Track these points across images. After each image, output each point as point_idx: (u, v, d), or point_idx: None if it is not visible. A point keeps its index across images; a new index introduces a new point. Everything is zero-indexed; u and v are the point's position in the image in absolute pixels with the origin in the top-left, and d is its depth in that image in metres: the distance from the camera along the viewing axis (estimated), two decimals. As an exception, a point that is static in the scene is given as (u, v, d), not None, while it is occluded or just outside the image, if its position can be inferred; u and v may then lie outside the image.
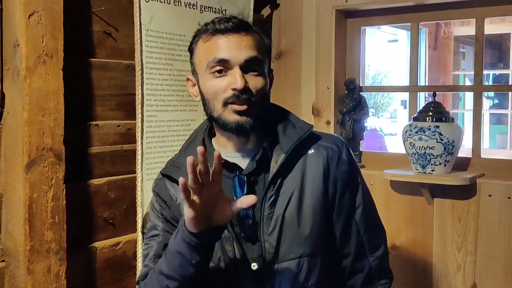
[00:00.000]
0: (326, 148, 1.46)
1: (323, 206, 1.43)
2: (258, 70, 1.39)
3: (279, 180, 1.40)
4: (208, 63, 1.37)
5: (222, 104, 1.36)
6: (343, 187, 1.46)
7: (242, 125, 1.36)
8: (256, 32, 1.43)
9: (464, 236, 2.64)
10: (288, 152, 1.41)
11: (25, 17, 1.83)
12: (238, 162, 1.42)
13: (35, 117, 1.86)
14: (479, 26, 2.72)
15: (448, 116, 2.66)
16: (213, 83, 1.37)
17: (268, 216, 1.39)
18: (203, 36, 1.41)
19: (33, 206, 1.86)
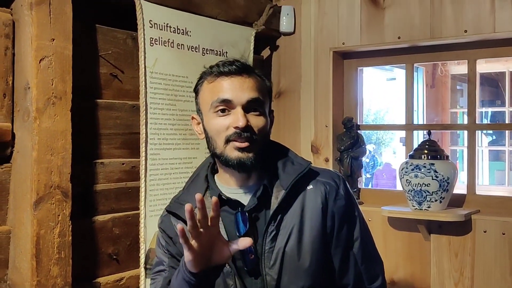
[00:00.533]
0: (324, 183, 1.51)
1: (322, 239, 1.48)
2: (259, 110, 1.45)
3: (280, 215, 1.45)
4: (212, 103, 1.45)
5: (225, 141, 1.43)
6: (340, 221, 1.51)
7: (244, 162, 1.42)
8: (258, 75, 1.51)
9: (461, 272, 2.68)
10: (288, 189, 1.45)
11: (36, 61, 1.93)
12: (240, 199, 1.48)
13: (44, 156, 1.94)
14: (471, 67, 2.82)
15: (443, 154, 2.73)
16: (216, 122, 1.44)
17: (269, 251, 1.43)
18: (208, 77, 1.50)
19: (40, 242, 1.92)
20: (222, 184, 1.53)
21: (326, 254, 1.50)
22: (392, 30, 2.87)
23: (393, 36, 2.87)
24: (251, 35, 2.91)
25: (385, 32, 2.89)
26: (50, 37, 1.97)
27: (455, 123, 5.58)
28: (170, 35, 2.44)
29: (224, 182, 1.53)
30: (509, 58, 5.17)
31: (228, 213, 1.47)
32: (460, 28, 2.67)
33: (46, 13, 1.96)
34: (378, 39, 2.92)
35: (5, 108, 1.95)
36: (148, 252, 2.32)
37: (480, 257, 2.64)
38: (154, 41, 2.37)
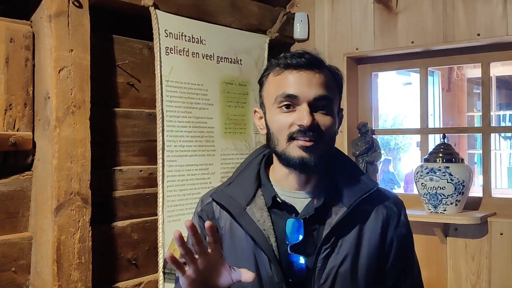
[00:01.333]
0: (386, 207, 1.41)
1: (377, 266, 1.38)
2: (327, 108, 1.33)
3: (336, 233, 1.34)
4: (276, 97, 1.33)
5: (287, 139, 1.32)
6: (398, 249, 1.41)
7: (306, 162, 1.31)
8: (330, 69, 1.39)
9: (478, 274, 2.68)
10: (351, 207, 1.35)
11: (56, 72, 1.99)
12: (294, 204, 1.38)
13: (64, 164, 1.99)
14: (485, 70, 2.82)
15: (458, 157, 2.74)
16: (280, 118, 1.33)
17: (321, 268, 1.33)
18: (274, 69, 1.37)
19: (61, 247, 1.97)
20: (276, 184, 1.41)
21: (379, 282, 1.40)
22: (405, 35, 2.89)
23: (407, 40, 2.89)
24: (265, 42, 2.95)
25: (399, 36, 2.91)
26: (69, 48, 2.03)
27: (469, 126, 5.55)
28: (185, 44, 2.49)
29: (278, 182, 1.41)
30: (526, 61, 5.15)
31: (280, 218, 1.37)
32: (473, 31, 2.68)
33: (65, 24, 2.02)
34: (391, 44, 2.94)
35: (26, 118, 2.01)
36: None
37: (497, 260, 2.64)
38: (170, 50, 2.42)
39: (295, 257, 1.34)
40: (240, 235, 1.39)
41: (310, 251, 1.34)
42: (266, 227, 1.35)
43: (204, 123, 2.59)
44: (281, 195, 1.39)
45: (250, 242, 1.36)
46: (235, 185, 1.44)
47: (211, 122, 2.62)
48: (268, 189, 1.40)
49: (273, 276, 1.33)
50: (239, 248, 1.39)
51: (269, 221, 1.36)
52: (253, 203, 1.39)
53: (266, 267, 1.34)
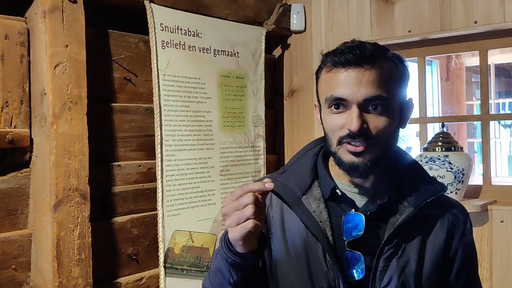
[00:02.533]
0: (452, 214, 1.36)
1: (441, 274, 1.34)
2: (381, 108, 1.25)
3: (400, 234, 1.28)
4: (326, 98, 1.28)
5: (337, 141, 1.26)
6: (463, 258, 1.36)
7: (357, 167, 1.25)
8: (387, 59, 1.28)
9: (479, 263, 2.67)
10: (418, 208, 1.29)
11: (51, 68, 1.98)
12: (353, 197, 1.33)
13: (62, 160, 1.99)
14: (483, 58, 2.81)
15: (457, 145, 2.73)
16: (331, 119, 1.27)
17: (383, 269, 1.27)
18: (326, 65, 1.29)
19: (61, 244, 1.97)
20: (334, 176, 1.36)
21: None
22: (402, 24, 2.88)
23: (404, 29, 2.88)
24: (261, 34, 2.94)
25: (396, 26, 2.90)
26: (64, 44, 2.02)
27: (468, 115, 5.54)
28: (181, 38, 2.48)
29: (336, 175, 1.35)
30: (524, 48, 5.13)
31: (338, 211, 1.31)
32: (470, 19, 2.67)
33: (59, 20, 2.01)
34: (388, 33, 2.93)
35: (23, 115, 2.00)
36: (167, 252, 2.36)
37: (497, 247, 2.64)
38: (166, 44, 2.40)
39: (352, 254, 1.28)
40: (292, 226, 1.34)
41: (369, 249, 1.28)
42: (322, 219, 1.30)
43: (202, 117, 2.58)
44: (341, 188, 1.33)
45: (303, 234, 1.31)
46: (289, 174, 1.38)
47: (209, 115, 2.61)
48: (326, 180, 1.35)
49: (328, 272, 1.27)
50: (290, 240, 1.33)
51: (326, 213, 1.30)
52: (309, 193, 1.33)
53: (321, 262, 1.29)
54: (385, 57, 1.28)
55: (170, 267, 2.36)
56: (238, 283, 1.25)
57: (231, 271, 1.23)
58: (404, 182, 1.34)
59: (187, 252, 2.41)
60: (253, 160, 2.85)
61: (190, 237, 2.45)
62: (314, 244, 1.29)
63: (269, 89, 3.11)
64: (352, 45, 1.27)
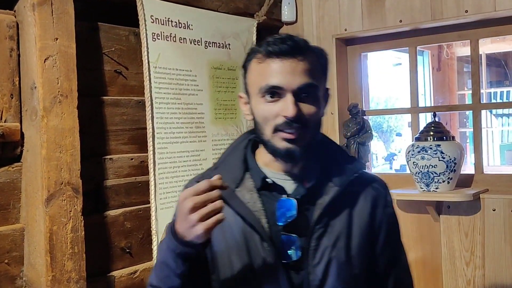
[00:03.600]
0: (374, 188, 1.44)
1: (369, 245, 1.40)
2: (312, 96, 1.32)
3: (329, 213, 1.35)
4: (260, 88, 1.31)
5: (272, 130, 1.31)
6: (388, 229, 1.44)
7: (292, 152, 1.31)
8: (313, 51, 1.35)
9: (471, 251, 2.70)
10: (343, 187, 1.36)
11: (41, 61, 1.96)
12: (283, 185, 1.38)
13: (53, 154, 1.98)
14: (474, 47, 2.82)
15: (449, 135, 2.74)
16: (264, 108, 1.31)
17: (314, 248, 1.33)
18: (257, 55, 1.33)
19: (54, 238, 1.96)
20: (263, 166, 1.41)
21: (369, 260, 1.41)
22: (393, 14, 2.88)
23: (395, 20, 2.88)
24: (253, 26, 2.93)
25: (387, 16, 2.90)
26: (54, 37, 2.00)
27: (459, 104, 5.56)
28: (172, 30, 2.47)
29: (265, 164, 1.41)
30: (515, 37, 5.15)
31: (270, 199, 1.36)
32: (461, 8, 2.67)
33: (49, 13, 1.99)
34: (380, 23, 2.93)
35: (13, 109, 1.99)
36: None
37: (490, 236, 2.65)
38: (156, 36, 2.39)
39: (287, 237, 1.34)
40: (229, 218, 1.36)
41: (302, 231, 1.34)
42: (256, 208, 1.35)
43: (194, 109, 2.58)
44: (270, 176, 1.38)
45: (240, 225, 1.36)
46: (222, 169, 1.42)
47: (201, 108, 2.61)
48: (256, 172, 1.40)
49: (266, 257, 1.33)
50: (228, 232, 1.37)
51: (259, 203, 1.36)
52: (242, 185, 1.38)
53: (258, 248, 1.34)
54: (312, 50, 1.35)
55: (164, 260, 2.36)
56: (186, 274, 1.27)
57: (178, 262, 1.25)
58: (329, 165, 1.41)
59: (180, 244, 2.41)
60: (245, 152, 2.84)
61: (184, 229, 2.45)
62: (251, 232, 1.35)
63: (261, 81, 3.11)
64: (283, 36, 1.33)
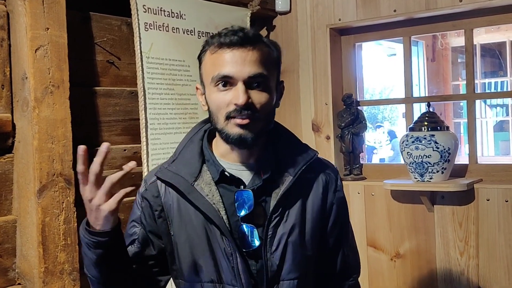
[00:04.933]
0: (325, 173, 1.51)
1: (321, 228, 1.49)
2: (263, 85, 1.37)
3: (284, 202, 1.41)
4: (213, 77, 1.36)
5: (225, 117, 1.36)
6: (338, 212, 1.52)
7: (244, 139, 1.35)
8: (265, 44, 1.40)
9: (465, 241, 2.70)
10: (296, 176, 1.42)
11: (32, 51, 1.94)
12: (240, 176, 1.42)
13: (45, 145, 1.96)
14: (468, 37, 2.81)
15: (443, 125, 2.74)
16: (217, 97, 1.36)
17: (272, 236, 1.40)
18: (210, 47, 1.38)
19: (46, 229, 1.95)
20: (220, 158, 1.45)
21: (321, 243, 1.50)
22: (387, 4, 2.86)
23: (389, 9, 2.86)
24: (246, 16, 2.91)
25: (381, 6, 2.88)
26: (45, 26, 1.98)
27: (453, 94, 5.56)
28: (164, 19, 2.45)
29: (221, 156, 1.45)
30: (509, 27, 5.14)
31: (227, 190, 1.41)
32: (455, -2, 2.67)
33: (39, 2, 1.97)
34: (374, 13, 2.91)
35: (4, 99, 1.97)
36: (154, 236, 2.34)
37: (484, 226, 2.65)
38: (149, 26, 2.37)
39: (246, 227, 1.39)
40: (189, 212, 1.43)
41: (260, 221, 1.40)
42: (215, 201, 1.39)
43: (188, 100, 2.56)
44: (227, 168, 1.43)
45: (201, 217, 1.40)
46: (179, 162, 1.46)
47: (194, 98, 2.59)
48: (214, 164, 1.44)
49: (226, 248, 1.38)
50: (189, 224, 1.42)
51: (218, 195, 1.40)
52: (200, 179, 1.42)
53: (219, 240, 1.39)
54: (264, 42, 1.40)
55: (158, 251, 2.35)
56: (100, 261, 1.36)
57: (91, 251, 1.34)
58: (283, 154, 1.46)
59: (174, 235, 2.40)
60: (239, 143, 2.84)
61: (177, 220, 2.44)
62: (211, 225, 1.39)
63: (255, 71, 3.09)
64: (234, 29, 1.37)
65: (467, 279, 2.70)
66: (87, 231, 1.34)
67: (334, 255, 1.54)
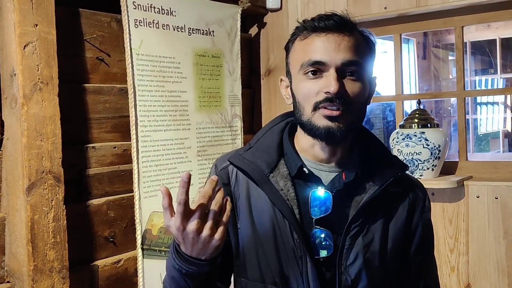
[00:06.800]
0: (413, 191, 1.39)
1: (403, 251, 1.36)
2: (357, 74, 1.25)
3: (366, 212, 1.29)
4: (302, 64, 1.25)
5: (313, 107, 1.24)
6: (423, 234, 1.39)
7: (333, 132, 1.23)
8: (362, 32, 1.30)
9: (456, 238, 2.71)
10: (383, 187, 1.29)
11: (21, 48, 1.93)
12: (319, 175, 1.31)
13: (34, 142, 1.95)
14: (458, 34, 2.82)
15: (433, 122, 2.74)
16: (306, 85, 1.25)
17: (349, 247, 1.27)
18: (301, 33, 1.29)
19: (35, 227, 1.94)
20: (300, 153, 1.34)
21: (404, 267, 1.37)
22: (378, 1, 2.86)
23: (380, 6, 2.86)
24: (237, 13, 2.90)
25: (372, 3, 2.88)
26: (33, 23, 1.96)
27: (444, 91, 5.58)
28: (154, 16, 2.43)
29: (302, 151, 1.34)
30: (500, 25, 5.16)
31: (305, 189, 1.30)
32: (445, -5, 2.67)
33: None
34: (364, 10, 2.91)
35: (-8, 96, 1.96)
36: (144, 233, 2.34)
37: (474, 222, 2.66)
38: (139, 23, 2.36)
39: (321, 232, 1.28)
40: (259, 205, 1.32)
41: (336, 227, 1.28)
42: (290, 197, 1.28)
43: (178, 97, 2.55)
44: (307, 165, 1.31)
45: (270, 213, 1.29)
46: (256, 151, 1.36)
47: (185, 95, 2.58)
48: (293, 158, 1.33)
49: (295, 249, 1.27)
50: (257, 218, 1.32)
51: (293, 191, 1.29)
52: (276, 171, 1.31)
53: (288, 239, 1.27)
54: (360, 31, 1.30)
55: (148, 249, 2.35)
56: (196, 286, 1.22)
57: (186, 280, 1.20)
58: (369, 160, 1.34)
59: (165, 233, 2.40)
60: (230, 140, 2.83)
61: (168, 218, 2.43)
62: (282, 222, 1.28)
63: (246, 68, 3.09)
64: (329, 13, 1.28)
65: (457, 276, 2.71)
66: (183, 259, 1.17)
67: (415, 285, 1.39)
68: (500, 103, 7.44)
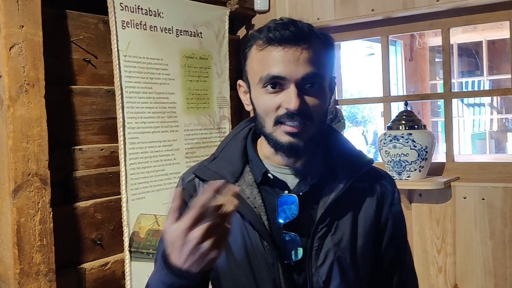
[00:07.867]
0: (380, 184, 1.36)
1: (374, 246, 1.34)
2: (317, 86, 1.22)
3: (333, 212, 1.27)
4: (261, 78, 1.21)
5: (274, 122, 1.22)
6: (393, 227, 1.36)
7: (295, 147, 1.22)
8: (319, 38, 1.24)
9: (443, 239, 2.72)
10: (348, 185, 1.28)
11: (6, 49, 1.91)
12: (285, 179, 1.30)
13: (20, 144, 1.93)
14: (445, 36, 2.83)
15: (420, 123, 2.76)
16: (265, 99, 1.22)
17: (318, 248, 1.26)
18: (257, 42, 1.23)
19: (21, 230, 1.92)
20: (264, 159, 1.32)
21: (376, 263, 1.35)
22: (365, 3, 2.87)
23: (367, 9, 2.87)
24: (225, 14, 2.90)
25: (359, 5, 2.89)
26: (19, 24, 1.95)
27: (431, 93, 5.62)
28: (142, 17, 2.43)
29: (266, 157, 1.32)
30: (486, 27, 5.20)
31: (271, 194, 1.29)
32: (432, -3, 2.69)
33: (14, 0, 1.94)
34: (352, 12, 2.92)
35: (-22, 98, 1.94)
36: (132, 236, 2.33)
37: (461, 223, 2.68)
38: (126, 24, 2.35)
39: (289, 236, 1.26)
40: None
41: (304, 230, 1.26)
42: (257, 205, 1.27)
43: (166, 99, 2.54)
44: (271, 171, 1.30)
45: (239, 221, 1.27)
46: (220, 161, 1.35)
47: (172, 97, 2.58)
48: (257, 165, 1.32)
49: (266, 256, 1.25)
50: None
51: (259, 198, 1.28)
52: (241, 180, 1.30)
53: (259, 247, 1.26)
54: (317, 36, 1.24)
55: (136, 251, 2.34)
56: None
57: None
58: (334, 159, 1.33)
59: (152, 235, 2.39)
60: (218, 142, 2.82)
61: (156, 220, 2.42)
62: (251, 230, 1.26)
63: (234, 70, 3.08)
64: (285, 22, 1.22)
65: (444, 277, 2.72)
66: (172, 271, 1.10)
67: (390, 279, 1.37)
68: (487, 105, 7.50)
